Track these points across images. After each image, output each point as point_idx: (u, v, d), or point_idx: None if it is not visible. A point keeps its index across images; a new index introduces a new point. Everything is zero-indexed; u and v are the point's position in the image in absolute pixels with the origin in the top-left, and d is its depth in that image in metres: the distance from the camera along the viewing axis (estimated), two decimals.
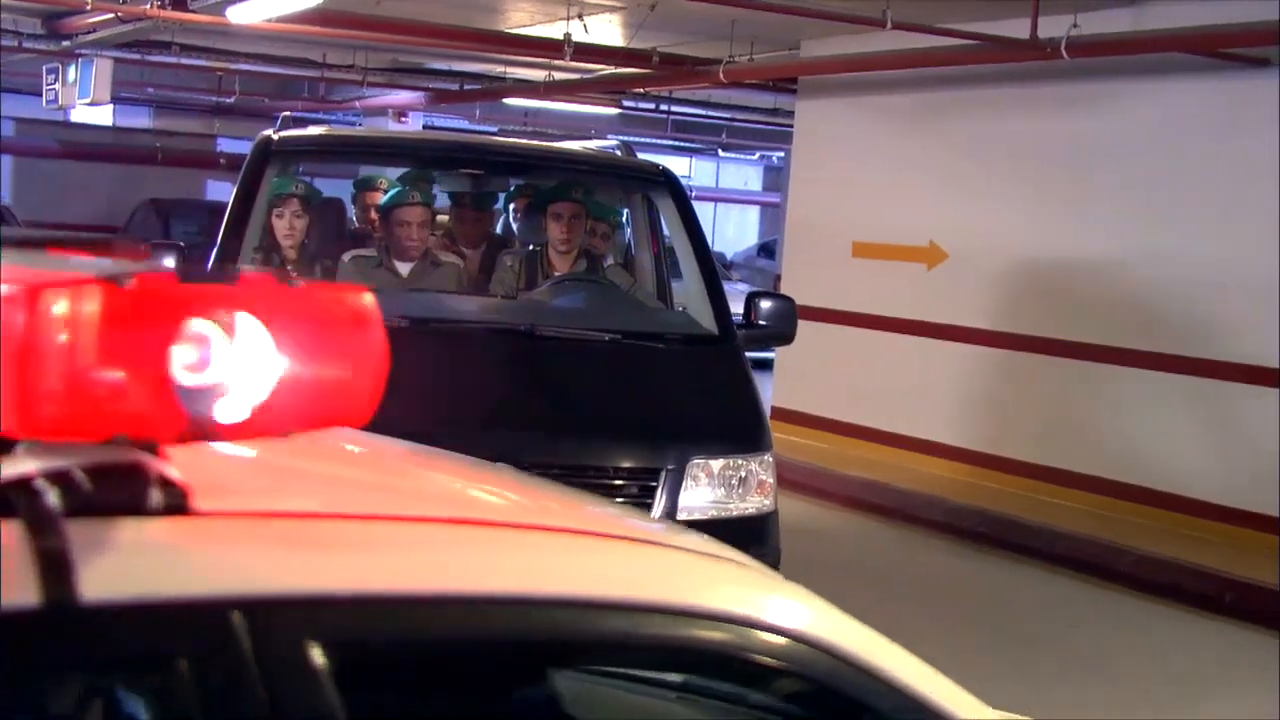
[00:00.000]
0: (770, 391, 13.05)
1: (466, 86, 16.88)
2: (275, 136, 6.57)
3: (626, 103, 17.57)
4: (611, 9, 11.32)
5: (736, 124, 20.23)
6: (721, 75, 12.07)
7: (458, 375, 5.57)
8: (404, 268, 6.56)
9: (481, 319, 6.10)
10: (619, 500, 5.18)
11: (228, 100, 19.39)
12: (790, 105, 14.11)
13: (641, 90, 15.87)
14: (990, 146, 11.11)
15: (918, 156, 11.77)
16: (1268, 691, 7.04)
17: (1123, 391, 10.15)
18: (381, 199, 6.99)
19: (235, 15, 10.34)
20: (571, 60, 11.84)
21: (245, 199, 6.23)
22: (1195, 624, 8.16)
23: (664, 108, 18.29)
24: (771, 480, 5.61)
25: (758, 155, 24.96)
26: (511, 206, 7.80)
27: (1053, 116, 10.64)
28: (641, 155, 7.91)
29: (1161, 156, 9.90)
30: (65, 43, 13.64)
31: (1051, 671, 7.19)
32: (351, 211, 7.74)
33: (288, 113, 7.39)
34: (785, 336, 6.35)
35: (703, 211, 28.75)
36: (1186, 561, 8.73)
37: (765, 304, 6.29)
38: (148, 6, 10.74)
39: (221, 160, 24.36)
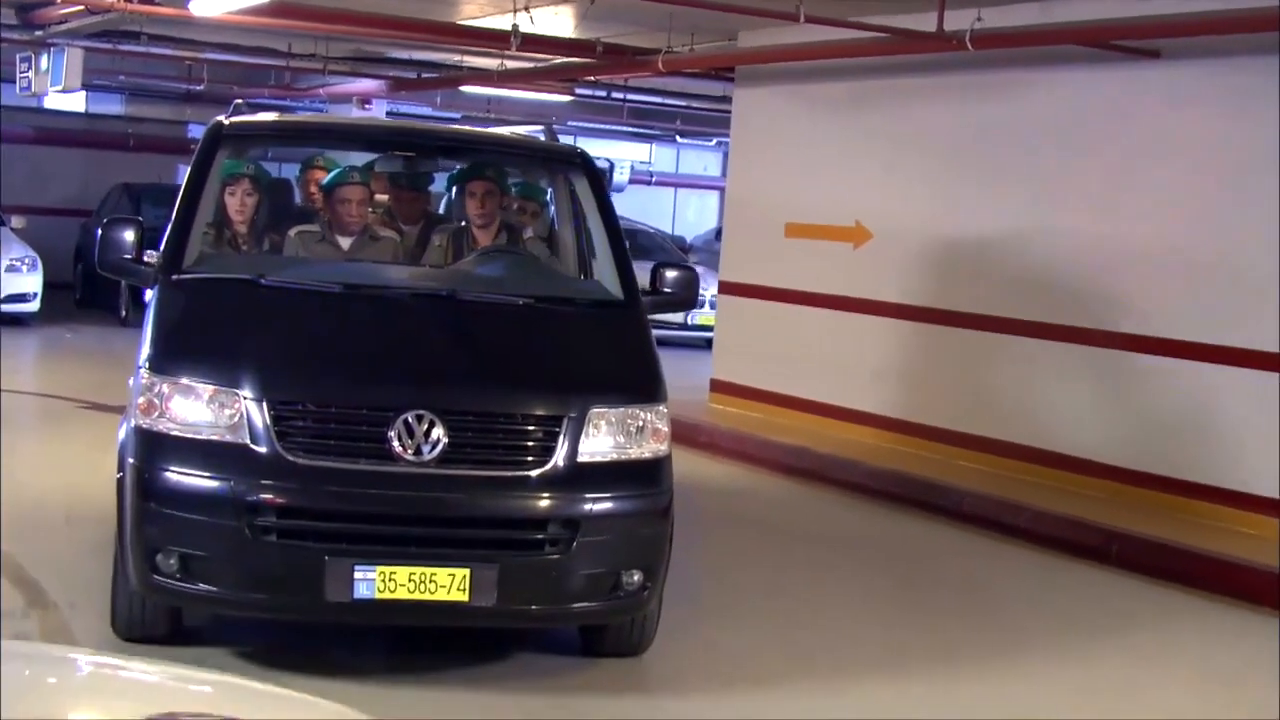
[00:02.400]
0: (710, 366, 13.77)
1: (424, 75, 17.53)
2: (226, 122, 7.00)
3: (580, 90, 18.21)
4: (557, 2, 11.93)
5: (691, 111, 20.84)
6: (660, 64, 12.76)
7: (386, 334, 6.13)
8: (345, 241, 7.01)
9: (408, 285, 6.58)
10: (528, 444, 5.74)
11: (197, 88, 19.89)
12: None
13: (593, 79, 16.51)
14: (909, 133, 11.84)
15: (844, 142, 12.47)
16: (1146, 630, 7.76)
17: (1025, 360, 10.87)
18: (324, 179, 7.44)
19: (197, 8, 10.96)
20: (520, 50, 12.49)
21: (197, 179, 6.62)
22: (1083, 572, 8.88)
23: (615, 95, 18.90)
24: (665, 429, 6.04)
25: (715, 142, 25.55)
26: (454, 189, 8.27)
27: (965, 104, 11.38)
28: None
29: (1060, 141, 10.64)
30: (38, 32, 14.27)
31: (950, 610, 7.90)
32: (297, 190, 8.12)
33: (239, 100, 7.91)
34: (687, 302, 6.88)
35: (664, 197, 29.36)
36: (1075, 515, 9.46)
37: (669, 274, 6.78)
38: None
39: (191, 146, 24.85)
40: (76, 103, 17.50)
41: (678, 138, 25.90)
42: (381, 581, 5.48)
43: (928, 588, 8.47)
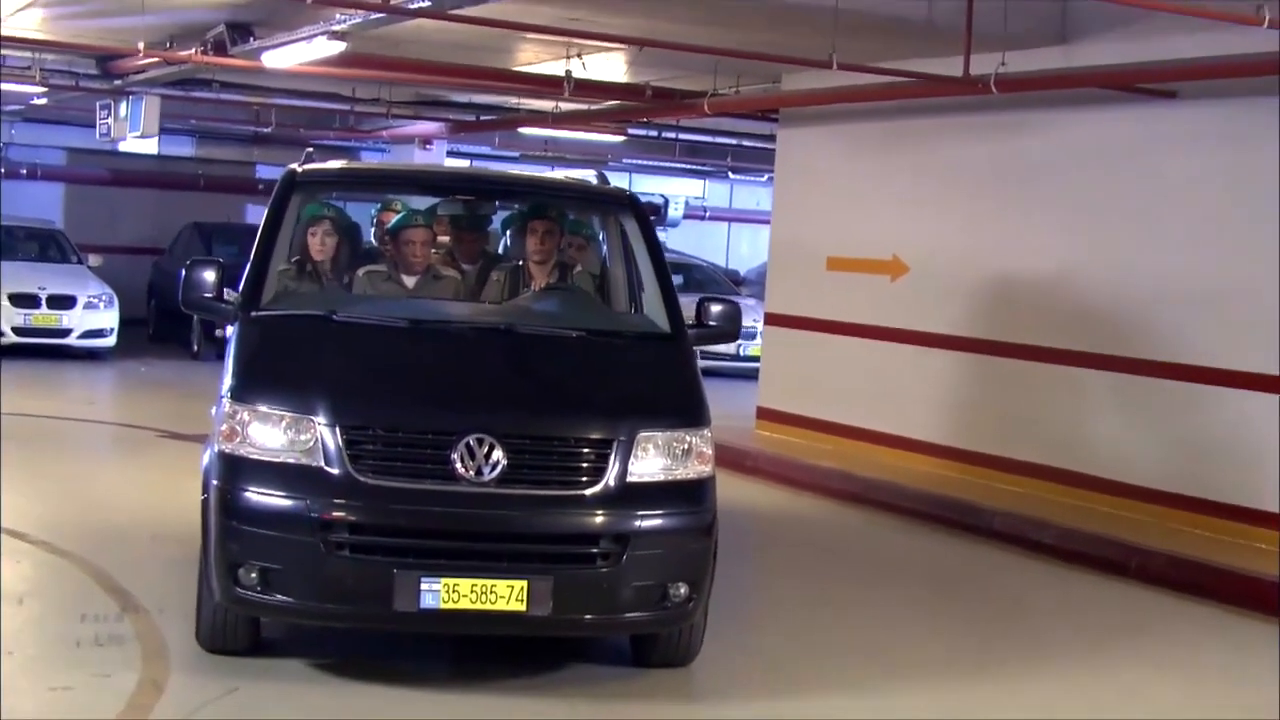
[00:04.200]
0: (756, 395, 14.34)
1: (483, 117, 18.23)
2: (299, 170, 7.57)
3: (633, 130, 18.85)
4: (607, 49, 12.56)
5: (741, 148, 21.42)
6: (706, 107, 13.37)
7: (449, 364, 6.65)
8: (409, 280, 7.46)
9: (469, 320, 7.12)
10: (581, 465, 6.18)
11: (265, 130, 20.65)
12: None
13: (645, 120, 17.15)
14: (940, 169, 12.43)
15: (881, 179, 13.05)
16: (1165, 642, 8.23)
17: (1056, 387, 11.38)
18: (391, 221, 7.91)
19: (270, 60, 11.66)
20: (573, 94, 13.14)
21: (273, 222, 7.20)
22: (1105, 585, 9.37)
23: (668, 135, 19.52)
24: (709, 451, 6.45)
25: (766, 177, 26.08)
26: (509, 231, 8.66)
27: (991, 143, 11.95)
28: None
29: (1081, 176, 11.18)
30: (117, 82, 15.04)
31: (977, 618, 8.42)
32: (369, 232, 8.58)
33: (310, 148, 8.50)
34: (730, 334, 7.29)
35: (717, 231, 29.90)
36: (1098, 532, 9.96)
37: (714, 308, 7.24)
38: (192, 52, 12.11)
39: (260, 186, 25.75)
40: (149, 145, 18.20)
41: (730, 174, 26.48)
42: (445, 593, 5.88)
43: (962, 600, 8.95)
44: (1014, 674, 7.35)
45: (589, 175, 8.47)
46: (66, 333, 18.12)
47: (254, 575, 6.00)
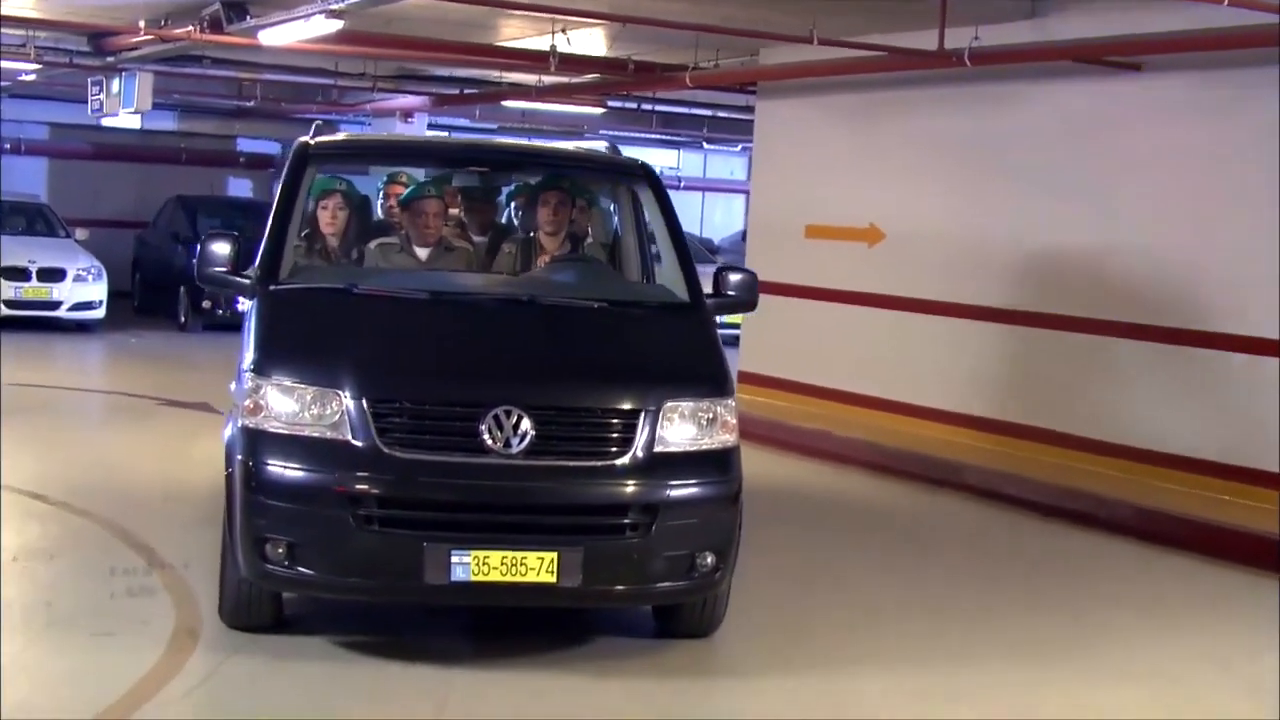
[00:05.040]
0: (737, 358, 14.77)
1: (466, 91, 18.59)
2: (312, 142, 7.51)
3: (611, 102, 19.24)
4: (591, 25, 12.93)
5: (716, 118, 21.81)
6: (688, 80, 13.77)
7: (473, 336, 6.60)
8: (422, 252, 7.45)
9: (490, 291, 7.15)
10: (609, 436, 6.16)
11: (247, 104, 20.93)
12: None
13: (625, 93, 17.54)
14: (915, 140, 12.86)
15: (858, 149, 13.48)
16: (1184, 606, 8.46)
17: (1026, 348, 11.88)
18: (403, 193, 7.91)
19: (267, 38, 11.99)
20: (557, 69, 13.51)
21: (288, 196, 7.12)
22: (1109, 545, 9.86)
23: (645, 106, 19.92)
24: (734, 421, 6.42)
25: (740, 147, 26.48)
26: (514, 203, 8.61)
27: (965, 114, 12.38)
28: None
29: (1055, 146, 11.64)
30: (109, 59, 15.33)
31: (938, 573, 8.85)
32: (377, 205, 8.51)
33: (319, 121, 8.46)
34: (748, 304, 7.18)
35: (691, 200, 30.23)
36: (1074, 486, 10.47)
37: (731, 277, 7.17)
38: (190, 30, 12.44)
39: (241, 159, 26.07)
40: (132, 120, 18.46)
41: (704, 144, 26.87)
42: (476, 565, 5.87)
43: (935, 550, 9.43)
44: (1052, 646, 7.30)
45: (600, 146, 8.62)
46: (57, 305, 18.45)
47: (281, 550, 5.97)
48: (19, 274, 18.16)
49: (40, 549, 8.02)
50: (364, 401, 6.00)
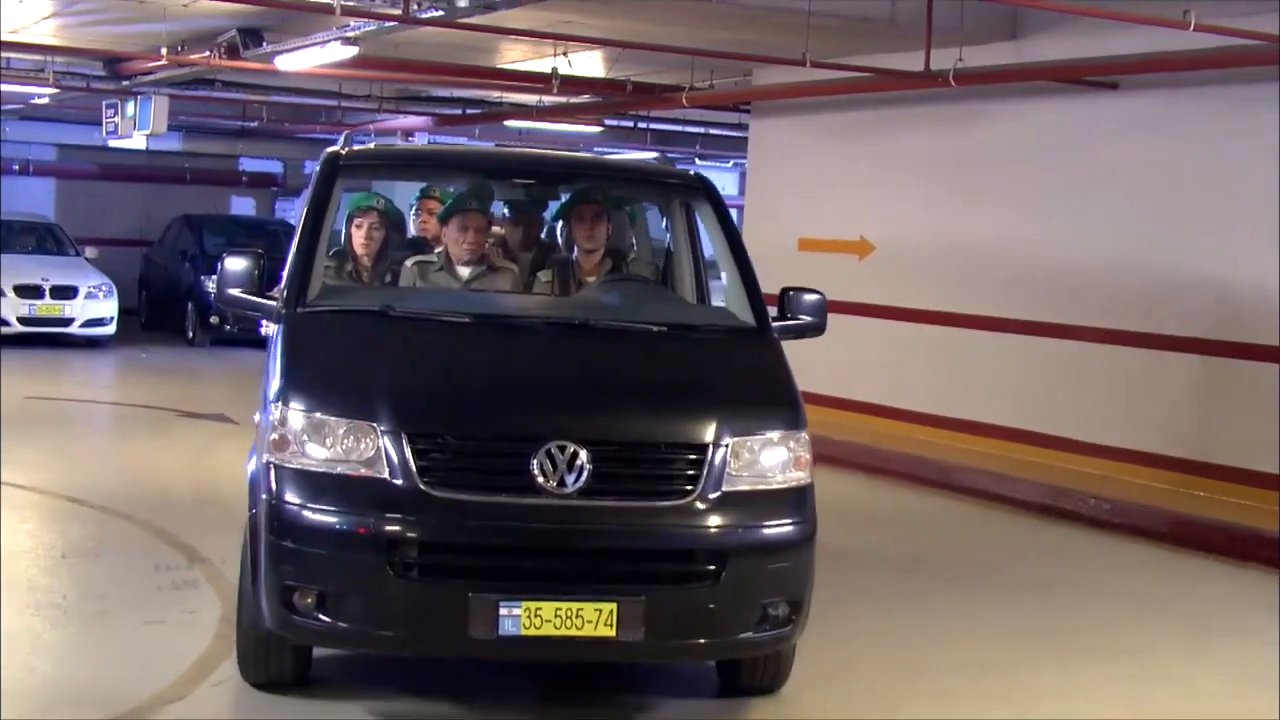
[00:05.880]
0: None
1: (469, 111, 19.14)
2: (343, 152, 6.87)
3: (607, 120, 19.80)
4: (591, 47, 13.47)
5: (709, 135, 22.36)
6: (684, 100, 14.34)
7: (521, 363, 5.98)
8: (464, 271, 6.84)
9: (539, 314, 6.52)
10: (673, 474, 5.57)
11: (251, 124, 21.43)
12: None
13: (623, 112, 18.10)
14: (902, 156, 13.45)
15: (849, 166, 14.05)
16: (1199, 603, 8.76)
17: (1010, 354, 12.46)
18: (439, 208, 7.36)
19: (283, 63, 12.53)
20: (558, 90, 14.07)
21: (317, 211, 6.50)
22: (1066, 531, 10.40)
23: (641, 124, 20.48)
24: (807, 456, 5.83)
25: (731, 163, 27.04)
26: (560, 222, 7.85)
27: (949, 131, 12.97)
28: None
29: (1035, 162, 12.25)
30: (125, 82, 15.87)
31: (939, 575, 9.37)
32: (410, 220, 8.09)
33: (348, 132, 7.86)
34: (818, 328, 6.67)
35: None
36: (1056, 484, 11.03)
37: (802, 298, 6.66)
38: (208, 56, 12.98)
39: (244, 178, 26.60)
40: (138, 140, 18.94)
41: (697, 160, 27.37)
42: (527, 617, 5.27)
43: (925, 547, 9.95)
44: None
45: (650, 156, 8.14)
46: (69, 321, 18.93)
47: (310, 600, 5.39)
48: (32, 291, 18.65)
49: (86, 548, 8.53)
50: (402, 436, 5.40)
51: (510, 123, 19.57)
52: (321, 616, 5.41)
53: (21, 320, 18.55)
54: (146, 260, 22.91)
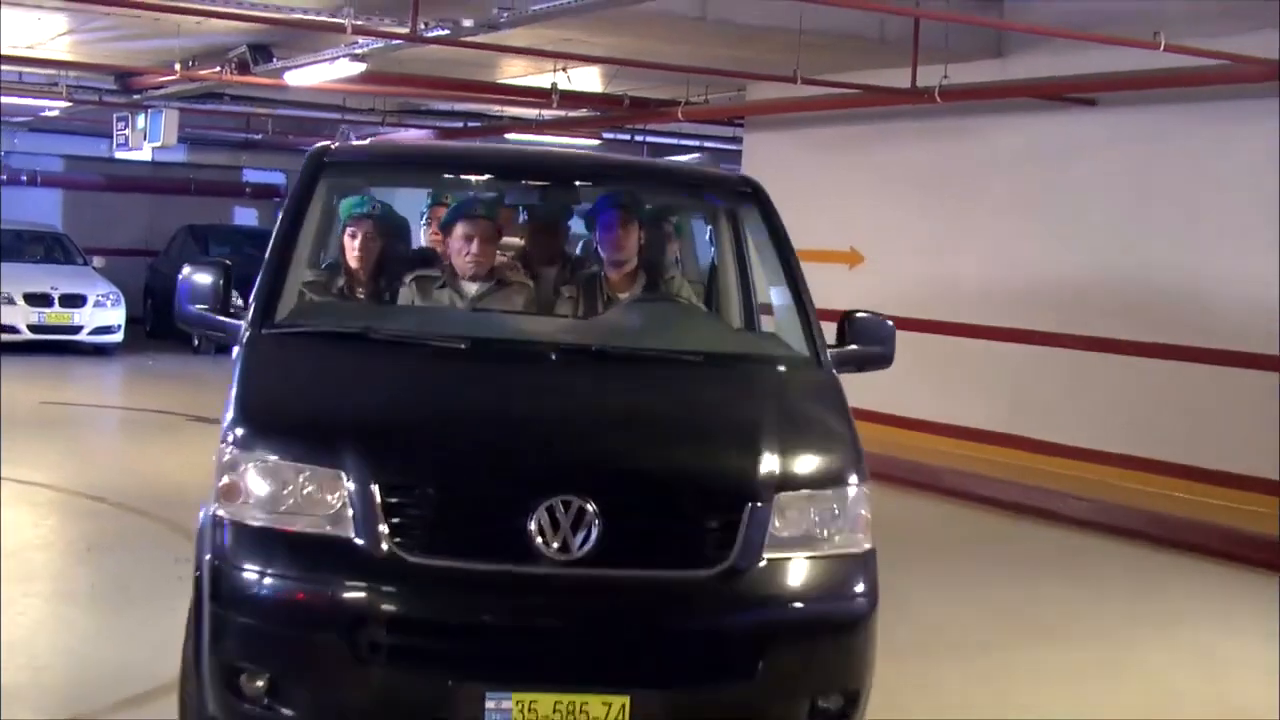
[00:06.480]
0: None
1: (469, 124, 19.58)
2: (333, 146, 6.05)
3: (605, 134, 20.23)
4: (589, 64, 13.89)
5: (704, 148, 22.76)
6: (680, 114, 14.79)
7: (523, 400, 4.91)
8: (470, 287, 5.89)
9: (550, 339, 5.42)
10: (703, 538, 4.55)
11: (255, 137, 21.81)
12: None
13: (620, 125, 18.55)
14: (894, 169, 13.97)
15: (839, 178, 14.52)
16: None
17: (995, 361, 12.91)
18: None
19: (292, 79, 12.95)
20: (558, 104, 14.51)
21: (295, 215, 5.58)
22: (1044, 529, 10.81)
23: (637, 138, 20.89)
24: (868, 515, 4.83)
25: None
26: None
27: (935, 145, 13.46)
28: None
29: (1018, 175, 12.75)
30: (135, 96, 16.31)
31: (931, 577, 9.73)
32: (421, 230, 7.15)
33: (344, 127, 6.99)
34: (885, 359, 5.64)
35: None
36: (1038, 485, 11.47)
37: (863, 324, 5.68)
38: (219, 71, 13.40)
39: (247, 189, 27.02)
40: (145, 152, 19.31)
41: None
42: (519, 712, 4.33)
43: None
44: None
45: (692, 158, 7.06)
46: (78, 329, 19.28)
47: (260, 684, 4.45)
48: (42, 300, 18.98)
49: (108, 543, 8.94)
50: (372, 486, 4.41)
51: (510, 136, 19.98)
52: (272, 705, 4.46)
53: (31, 328, 18.87)
54: (152, 270, 23.27)
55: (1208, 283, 11.18)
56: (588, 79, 15.31)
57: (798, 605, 4.64)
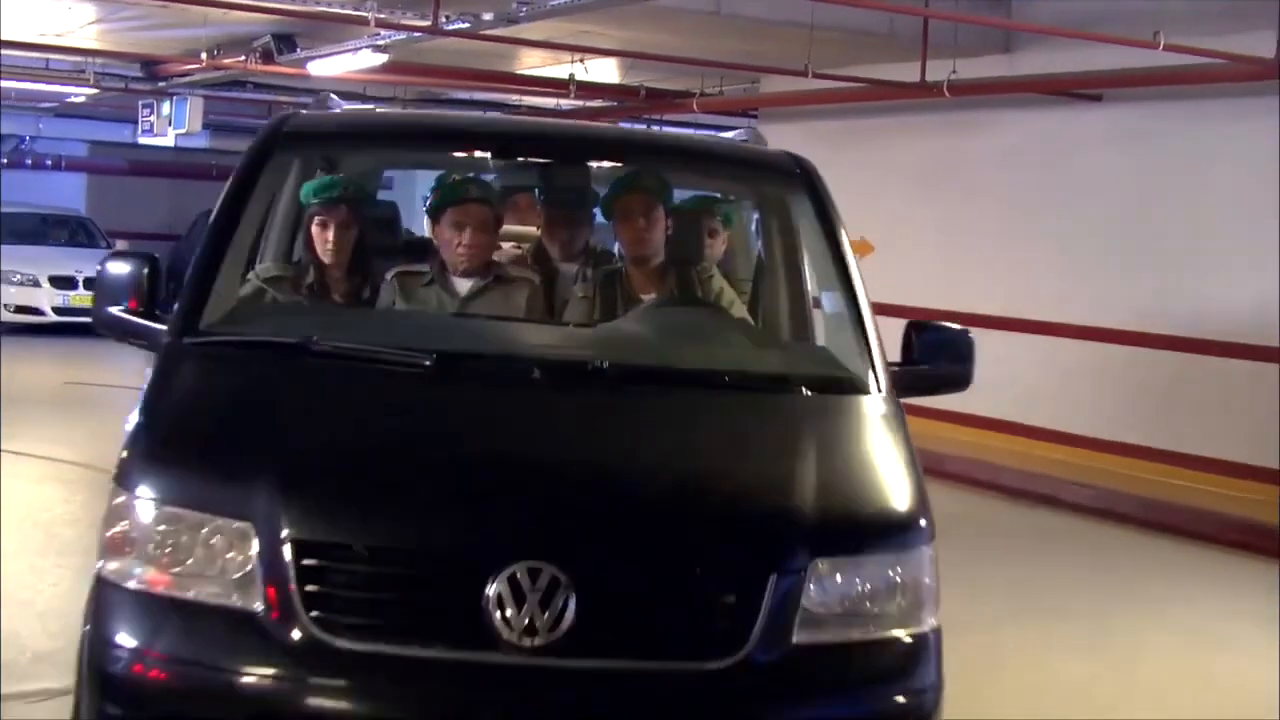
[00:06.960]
0: None
1: (490, 113, 19.79)
2: (299, 114, 5.20)
3: (621, 123, 20.43)
4: (606, 56, 14.17)
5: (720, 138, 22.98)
6: (695, 106, 15.05)
7: (490, 436, 3.90)
8: (462, 284, 4.96)
9: (535, 354, 4.33)
10: (710, 618, 3.52)
11: None
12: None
13: (636, 116, 18.80)
14: (903, 160, 14.23)
15: (849, 169, 14.54)
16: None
17: (998, 351, 13.10)
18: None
19: (316, 69, 13.21)
20: (575, 94, 14.77)
21: (237, 196, 4.55)
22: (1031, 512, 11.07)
23: (654, 128, 21.11)
24: (933, 584, 3.80)
25: None
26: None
27: (949, 137, 13.73)
28: None
29: (1024, 167, 12.98)
30: (161, 83, 16.60)
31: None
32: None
33: (324, 93, 5.73)
34: (962, 381, 4.64)
35: None
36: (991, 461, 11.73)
37: (935, 336, 4.70)
38: (244, 60, 13.68)
39: None
40: (168, 137, 19.54)
41: None
42: None
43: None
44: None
45: (737, 134, 5.91)
46: None
47: None
48: (66, 282, 19.26)
49: None
50: (289, 546, 3.41)
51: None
52: None
53: (56, 310, 19.14)
54: (174, 254, 23.54)
55: (1208, 275, 11.42)
56: (605, 70, 15.56)
57: (837, 705, 3.65)
